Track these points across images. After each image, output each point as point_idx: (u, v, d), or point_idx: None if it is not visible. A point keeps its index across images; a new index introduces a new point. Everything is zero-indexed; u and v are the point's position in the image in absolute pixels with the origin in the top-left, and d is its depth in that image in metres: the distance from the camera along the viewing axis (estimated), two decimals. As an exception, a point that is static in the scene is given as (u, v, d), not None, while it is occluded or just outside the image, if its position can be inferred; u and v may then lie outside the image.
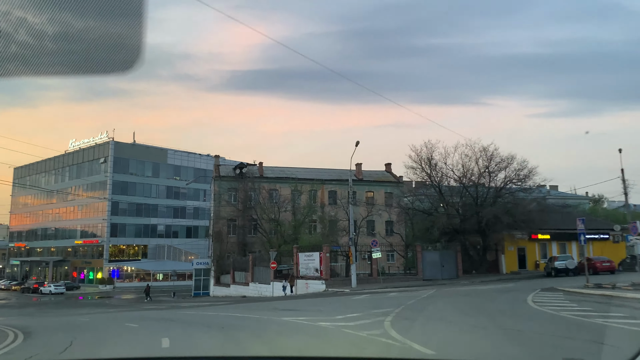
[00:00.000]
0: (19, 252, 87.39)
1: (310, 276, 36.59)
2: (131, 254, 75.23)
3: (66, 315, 28.21)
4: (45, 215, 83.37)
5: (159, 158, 79.83)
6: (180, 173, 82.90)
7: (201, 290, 50.92)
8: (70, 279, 73.82)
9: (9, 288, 67.45)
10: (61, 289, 60.13)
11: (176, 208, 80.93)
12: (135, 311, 27.14)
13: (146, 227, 76.59)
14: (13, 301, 51.66)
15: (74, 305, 42.95)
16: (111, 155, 73.17)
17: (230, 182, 53.41)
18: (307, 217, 48.41)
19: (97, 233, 73.24)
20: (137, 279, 71.29)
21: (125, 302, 42.43)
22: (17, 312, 35.11)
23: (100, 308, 34.96)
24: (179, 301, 42.15)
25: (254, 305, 24.58)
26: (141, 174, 77.00)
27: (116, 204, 72.95)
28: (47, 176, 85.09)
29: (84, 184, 76.56)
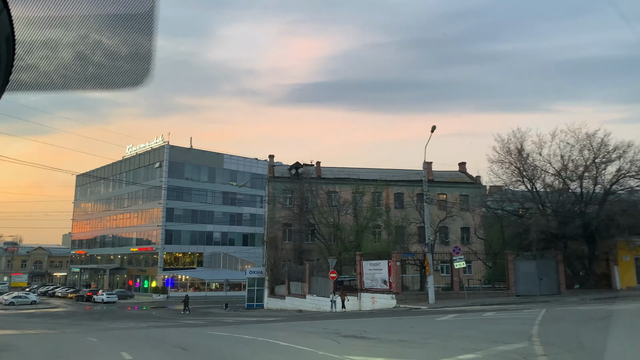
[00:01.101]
0: (80, 260, 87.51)
1: (376, 289, 30.83)
2: (186, 263, 72.49)
3: (98, 328, 24.28)
4: (104, 222, 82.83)
5: (215, 163, 77.08)
6: (237, 178, 79.67)
7: (254, 302, 46.37)
8: (126, 288, 72.12)
9: (65, 296, 66.42)
10: (113, 298, 57.83)
11: (232, 214, 77.66)
12: (156, 328, 22.52)
13: (202, 234, 73.71)
14: (62, 309, 49.51)
15: (118, 315, 39.58)
16: (166, 160, 71.04)
17: (285, 184, 48.81)
18: (370, 221, 42.68)
19: (152, 240, 71.13)
20: (191, 289, 68.25)
21: (168, 314, 38.51)
22: (50, 322, 31.84)
23: (139, 321, 30.96)
24: (226, 314, 37.63)
25: (308, 325, 19.22)
26: (197, 179, 74.41)
27: (171, 210, 70.55)
28: (105, 183, 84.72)
29: (139, 189, 75.00)
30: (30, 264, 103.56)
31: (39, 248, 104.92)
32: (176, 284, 68.27)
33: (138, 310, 48.48)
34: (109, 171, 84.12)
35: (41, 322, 31.36)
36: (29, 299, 55.24)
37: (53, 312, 45.22)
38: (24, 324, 30.16)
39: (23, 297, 55.38)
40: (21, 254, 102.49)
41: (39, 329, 24.55)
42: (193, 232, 72.88)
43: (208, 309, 47.83)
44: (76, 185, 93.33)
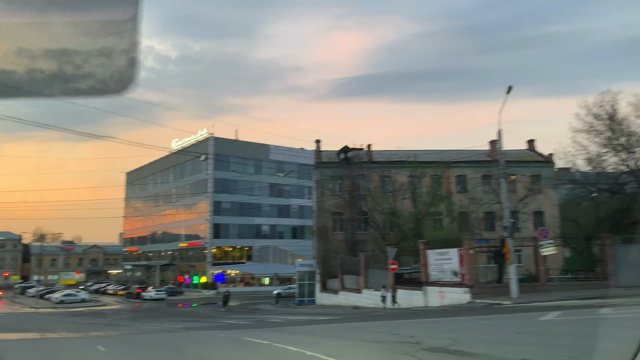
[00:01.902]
0: (132, 257, 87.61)
1: (445, 282, 26.50)
2: (236, 257, 70.32)
3: (128, 330, 21.51)
4: (153, 218, 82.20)
5: (260, 154, 74.39)
6: (283, 169, 76.76)
7: (306, 297, 42.98)
8: (176, 284, 70.83)
9: (116, 293, 65.79)
10: (162, 295, 56.19)
11: (280, 207, 74.80)
12: (188, 331, 19.20)
13: (250, 228, 71.29)
14: (109, 307, 48.10)
15: (161, 314, 37.18)
16: (212, 152, 68.93)
17: (334, 169, 45.00)
18: (432, 206, 38.17)
19: (200, 235, 69.39)
20: (242, 284, 66.01)
21: (213, 312, 35.71)
22: (87, 322, 29.62)
23: (178, 320, 28.10)
24: (275, 311, 34.36)
25: (371, 328, 15.28)
26: (243, 171, 71.96)
27: (218, 204, 68.47)
28: (153, 178, 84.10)
29: (186, 183, 73.52)
30: (87, 262, 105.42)
31: (94, 246, 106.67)
32: (226, 279, 66.12)
33: (184, 308, 46.30)
34: (157, 167, 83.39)
35: (74, 322, 29.26)
36: (79, 297, 54.48)
37: (98, 311, 43.72)
38: (56, 324, 28.14)
39: (73, 295, 54.69)
40: (77, 253, 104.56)
41: (62, 332, 22.07)
42: (241, 225, 70.57)
43: (257, 306, 44.95)
44: (126, 183, 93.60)
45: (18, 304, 54.86)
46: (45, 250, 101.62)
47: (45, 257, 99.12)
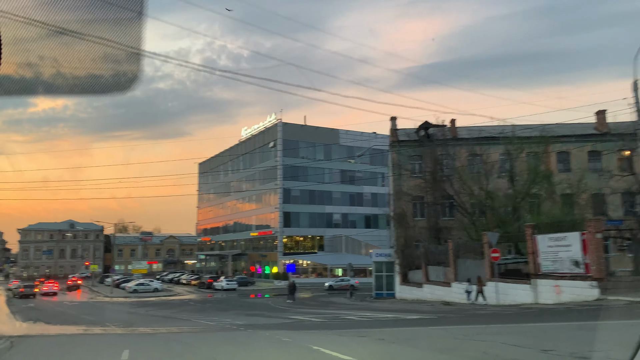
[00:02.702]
0: (206, 247, 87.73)
1: (562, 273, 21.33)
2: (307, 247, 67.46)
3: (183, 324, 18.62)
4: (225, 208, 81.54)
5: (330, 139, 70.85)
6: (355, 155, 72.68)
7: (384, 290, 38.85)
8: (248, 274, 69.32)
9: (189, 283, 65.24)
10: (233, 285, 54.42)
11: (352, 194, 70.94)
12: (245, 330, 15.69)
13: (321, 216, 68.10)
14: (179, 297, 46.73)
15: (228, 305, 34.67)
16: (280, 138, 66.36)
17: (413, 148, 40.30)
18: (533, 184, 32.52)
19: (270, 224, 67.21)
20: (314, 274, 63.05)
21: (283, 305, 32.53)
22: (150, 312, 27.46)
23: (242, 314, 25.11)
24: (350, 305, 30.59)
25: (489, 335, 10.85)
26: (312, 157, 68.85)
27: (288, 191, 65.86)
28: (224, 168, 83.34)
29: (255, 172, 71.66)
30: (164, 252, 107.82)
31: (170, 237, 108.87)
32: (298, 270, 63.44)
33: (255, 299, 43.82)
34: (227, 156, 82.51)
35: (135, 314, 27.23)
36: (151, 287, 53.94)
37: (167, 301, 42.28)
38: (116, 314, 26.36)
39: (146, 285, 54.25)
40: (155, 243, 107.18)
41: (110, 326, 19.61)
42: (312, 214, 67.54)
43: (330, 298, 41.50)
44: (199, 173, 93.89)
45: (94, 293, 55.39)
46: (125, 240, 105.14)
47: (125, 248, 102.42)
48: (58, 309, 35.69)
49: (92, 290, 59.97)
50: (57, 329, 18.58)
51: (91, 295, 52.43)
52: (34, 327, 21.27)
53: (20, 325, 22.74)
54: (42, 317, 26.42)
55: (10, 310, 33.86)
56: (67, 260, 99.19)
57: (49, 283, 55.05)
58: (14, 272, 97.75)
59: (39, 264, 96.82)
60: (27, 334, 16.22)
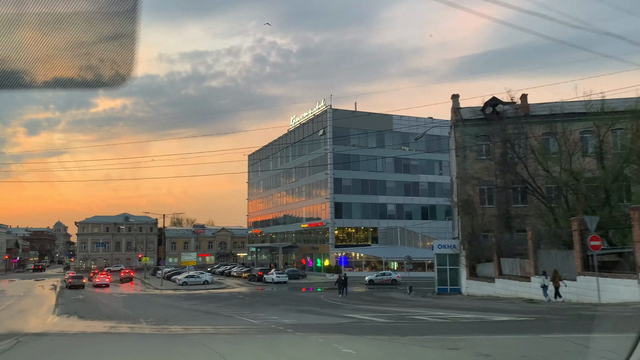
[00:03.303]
0: (257, 239, 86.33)
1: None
2: (360, 239, 64.27)
3: (224, 323, 16.00)
4: (274, 199, 79.63)
5: (383, 125, 67.12)
6: (409, 142, 68.58)
7: (448, 286, 35.17)
8: (299, 266, 67.06)
9: (239, 275, 63.70)
10: (283, 278, 52.12)
11: (407, 184, 67.01)
12: (293, 334, 12.67)
13: (374, 207, 64.66)
14: (229, 290, 44.83)
15: (279, 299, 32.09)
16: (330, 125, 63.37)
17: (479, 127, 36.18)
18: (627, 164, 27.79)
19: (321, 215, 64.46)
20: (367, 268, 59.77)
21: (337, 300, 29.53)
22: (198, 306, 25.22)
23: (292, 309, 22.37)
24: (412, 302, 27.22)
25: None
26: (364, 145, 65.43)
27: (339, 181, 62.83)
28: (273, 158, 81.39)
29: (305, 161, 69.06)
30: (216, 245, 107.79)
31: (222, 229, 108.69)
32: (350, 263, 60.48)
33: (306, 293, 41.16)
34: (276, 147, 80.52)
35: (177, 308, 25.08)
36: (202, 279, 52.57)
37: (215, 294, 40.38)
38: (158, 308, 24.36)
39: (196, 277, 52.96)
40: (207, 236, 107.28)
41: (142, 324, 17.30)
42: (364, 204, 64.21)
43: (387, 293, 38.21)
44: (248, 165, 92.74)
45: (145, 285, 54.72)
46: (178, 233, 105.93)
47: (178, 240, 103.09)
48: (103, 301, 34.50)
49: (143, 282, 59.55)
50: (83, 325, 16.65)
51: (141, 287, 51.70)
52: (62, 322, 19.52)
53: (51, 319, 21.16)
54: (80, 311, 24.95)
55: (55, 303, 33.04)
56: (122, 253, 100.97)
57: (101, 275, 54.91)
58: (73, 264, 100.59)
59: (96, 256, 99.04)
60: (44, 332, 14.33)
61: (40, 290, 48.73)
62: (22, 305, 32.02)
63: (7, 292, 45.74)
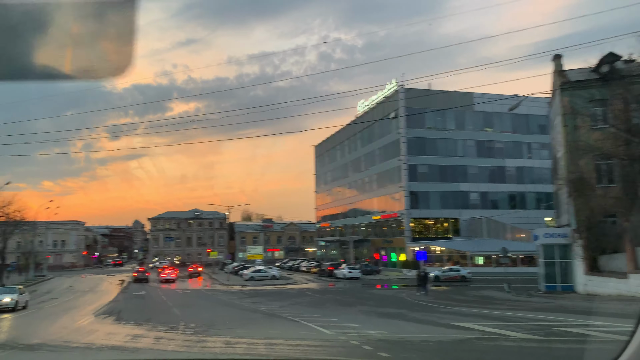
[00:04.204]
0: (326, 233, 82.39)
1: None
2: (439, 231, 58.31)
3: (282, 331, 11.69)
4: (343, 190, 75.15)
5: (462, 105, 60.49)
6: (493, 122, 61.65)
7: (558, 282, 29.00)
8: (372, 261, 62.21)
9: (309, 270, 60.00)
10: (356, 273, 47.63)
11: (491, 169, 60.06)
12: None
13: (454, 195, 58.38)
14: (297, 286, 40.95)
15: (352, 299, 27.57)
16: (402, 107, 57.85)
17: (592, 89, 29.49)
18: None
19: (395, 206, 59.12)
20: (449, 263, 53.73)
21: (422, 300, 24.42)
22: (245, 307, 21.25)
23: (371, 312, 17.66)
24: (519, 302, 21.62)
25: None
26: (441, 127, 59.30)
27: (414, 167, 57.21)
28: (341, 148, 76.89)
29: (375, 148, 63.98)
30: (285, 240, 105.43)
31: (290, 224, 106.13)
32: (430, 258, 54.72)
33: (382, 291, 36.38)
34: (344, 135, 75.99)
35: (237, 308, 21.25)
36: (269, 274, 49.28)
37: (283, 290, 36.65)
38: (215, 307, 20.58)
39: (263, 272, 49.76)
40: (276, 230, 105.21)
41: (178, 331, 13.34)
42: (443, 193, 58.12)
43: (481, 291, 32.53)
44: (315, 157, 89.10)
45: (212, 280, 52.38)
46: (247, 228, 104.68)
47: (247, 235, 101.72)
48: (162, 298, 31.80)
49: (211, 277, 57.48)
50: (106, 331, 13.33)
51: (208, 283, 49.29)
52: (87, 326, 16.39)
53: (81, 322, 18.15)
54: (125, 310, 22.05)
55: (110, 300, 30.80)
56: (193, 248, 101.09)
57: (168, 270, 53.19)
58: (147, 259, 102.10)
59: (168, 252, 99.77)
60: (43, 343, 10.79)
61: (107, 285, 47.58)
62: (76, 302, 30.18)
63: (75, 288, 44.88)
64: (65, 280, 57.31)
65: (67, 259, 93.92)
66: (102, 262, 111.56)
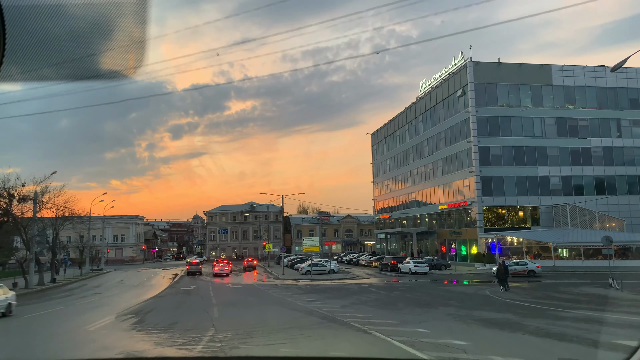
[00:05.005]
0: (385, 225, 77.55)
1: None
2: (515, 221, 52.13)
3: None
4: (404, 178, 69.96)
5: (539, 79, 53.88)
6: (575, 97, 54.51)
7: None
8: (438, 254, 57.03)
9: (369, 264, 55.67)
10: (423, 268, 42.84)
11: (575, 150, 53.05)
12: None
13: (532, 180, 51.97)
14: (358, 282, 36.75)
15: (431, 296, 23.06)
16: (471, 82, 52.02)
17: None
18: None
19: (464, 193, 53.48)
20: (529, 256, 47.73)
21: (507, 296, 19.45)
22: (297, 308, 17.27)
23: (468, 317, 13.15)
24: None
25: None
26: (515, 105, 52.95)
27: (485, 150, 51.32)
28: (401, 133, 71.63)
29: (440, 131, 58.44)
30: (342, 233, 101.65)
31: (347, 216, 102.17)
32: (504, 250, 48.95)
33: (461, 287, 31.49)
34: (403, 119, 70.81)
35: (288, 309, 17.31)
36: (326, 268, 45.43)
37: (343, 286, 32.59)
38: (258, 302, 16.70)
39: (320, 266, 45.99)
40: (332, 223, 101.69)
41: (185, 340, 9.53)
42: (519, 178, 51.85)
43: (580, 288, 26.95)
44: (372, 145, 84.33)
45: (267, 274, 49.29)
46: (303, 221, 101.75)
47: (303, 228, 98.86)
48: (209, 293, 28.79)
49: (266, 271, 54.53)
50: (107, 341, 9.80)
51: (262, 277, 46.15)
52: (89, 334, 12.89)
53: (90, 325, 14.82)
54: (158, 309, 18.86)
55: (152, 295, 27.95)
56: (249, 242, 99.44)
57: (221, 264, 50.55)
58: (205, 253, 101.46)
59: (225, 245, 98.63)
60: None
61: (158, 279, 45.51)
62: (114, 298, 27.73)
63: (125, 282, 43.06)
64: (120, 274, 56.25)
65: (127, 253, 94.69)
66: (161, 256, 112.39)
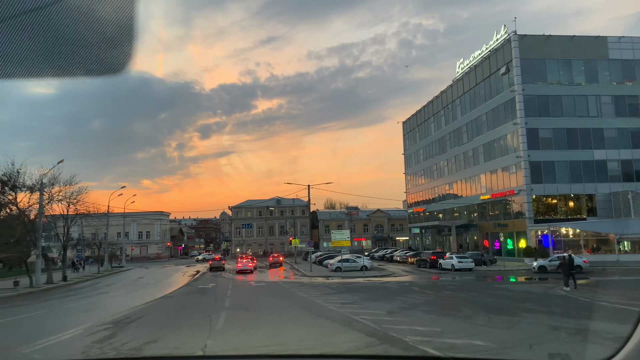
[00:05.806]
0: (418, 219, 72.76)
1: None
2: (568, 211, 46.82)
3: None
4: (439, 168, 65.04)
5: (593, 53, 48.29)
6: (635, 73, 48.68)
7: None
8: (481, 249, 52.07)
9: (405, 260, 51.21)
10: (468, 264, 38.22)
11: (635, 132, 47.28)
12: None
13: (587, 165, 46.49)
14: (396, 279, 32.47)
15: (488, 295, 18.77)
16: (517, 58, 46.87)
17: None
18: None
19: (510, 181, 48.41)
20: (586, 250, 42.48)
21: (590, 297, 15.09)
22: (329, 313, 13.21)
23: (539, 323, 8.95)
24: None
25: None
26: (567, 82, 47.55)
27: (534, 132, 46.15)
28: (436, 119, 66.67)
29: (481, 113, 53.40)
30: (372, 228, 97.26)
31: (377, 211, 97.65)
32: (556, 243, 43.82)
33: (514, 284, 26.89)
34: (438, 105, 65.88)
35: (318, 316, 13.29)
36: (358, 264, 41.38)
37: (379, 284, 28.45)
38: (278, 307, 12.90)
39: (351, 262, 41.97)
40: (362, 218, 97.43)
41: None
42: (573, 163, 46.48)
43: None
44: (403, 134, 79.56)
45: (294, 271, 45.51)
46: (331, 216, 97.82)
47: (331, 223, 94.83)
48: (226, 293, 25.14)
49: (293, 267, 50.81)
50: None
51: (289, 273, 42.37)
52: None
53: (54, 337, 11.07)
54: (153, 314, 15.13)
55: (161, 295, 24.48)
56: (276, 238, 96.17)
57: (244, 260, 47.00)
58: (231, 249, 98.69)
59: (251, 241, 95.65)
60: None
61: (178, 276, 42.32)
62: (119, 299, 24.65)
63: (142, 280, 39.98)
64: (141, 271, 53.49)
65: (152, 250, 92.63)
66: (187, 253, 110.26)
